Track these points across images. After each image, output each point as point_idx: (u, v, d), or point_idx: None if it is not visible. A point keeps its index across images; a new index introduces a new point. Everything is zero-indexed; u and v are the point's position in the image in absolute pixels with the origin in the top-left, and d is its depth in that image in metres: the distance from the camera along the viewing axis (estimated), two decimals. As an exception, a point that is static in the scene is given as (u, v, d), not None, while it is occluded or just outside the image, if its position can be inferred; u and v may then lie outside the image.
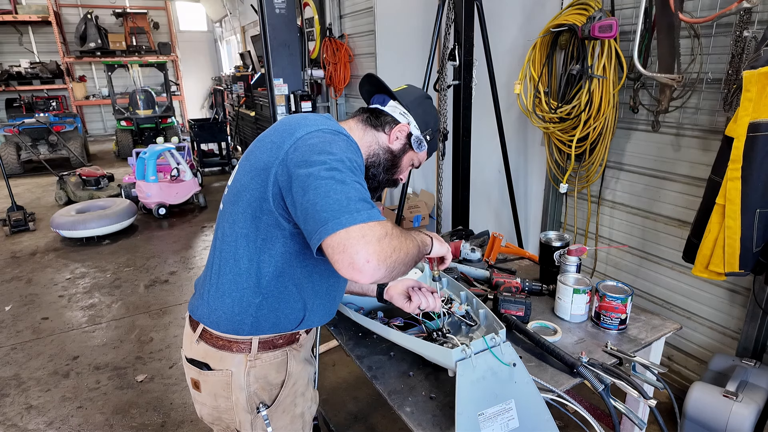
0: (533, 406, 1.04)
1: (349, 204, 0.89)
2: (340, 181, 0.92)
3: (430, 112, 1.29)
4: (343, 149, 0.99)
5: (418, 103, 1.26)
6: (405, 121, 1.23)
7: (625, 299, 1.38)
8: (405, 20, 4.22)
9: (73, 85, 10.37)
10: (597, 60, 2.25)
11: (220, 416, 1.17)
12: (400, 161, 1.25)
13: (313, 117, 1.09)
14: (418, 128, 1.25)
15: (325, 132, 1.02)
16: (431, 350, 1.11)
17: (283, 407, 1.17)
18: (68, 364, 2.85)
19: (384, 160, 1.22)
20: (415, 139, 1.24)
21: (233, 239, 1.08)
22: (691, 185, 2.20)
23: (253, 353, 1.11)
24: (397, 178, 1.29)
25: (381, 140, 1.22)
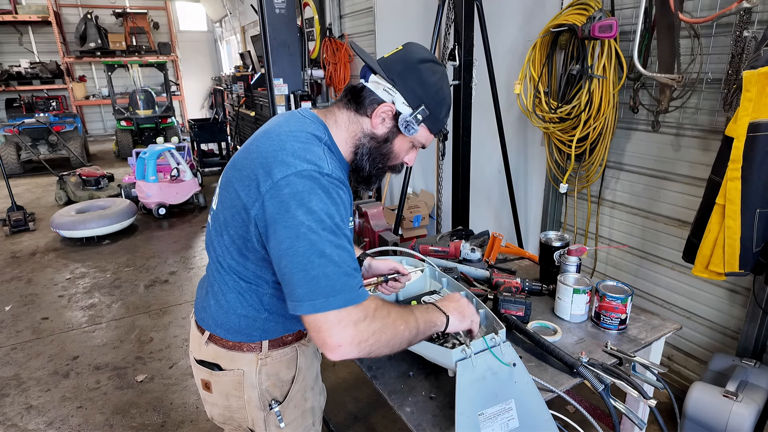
0: (533, 406, 1.04)
1: (327, 284, 0.86)
2: (319, 252, 0.87)
3: (428, 81, 1.03)
4: (323, 202, 0.90)
5: (409, 71, 1.02)
6: (389, 99, 1.03)
7: (625, 299, 1.38)
8: (405, 20, 4.22)
9: (73, 85, 10.37)
10: (597, 60, 2.25)
11: (232, 415, 1.17)
12: (391, 147, 1.07)
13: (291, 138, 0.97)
14: (407, 104, 1.02)
15: (304, 177, 0.90)
16: (431, 350, 1.11)
17: (294, 402, 1.18)
18: (68, 364, 2.85)
19: (370, 149, 1.06)
20: (403, 121, 1.03)
21: (228, 269, 1.05)
22: (691, 185, 2.20)
23: (264, 352, 1.11)
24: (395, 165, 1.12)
25: (365, 126, 1.05)
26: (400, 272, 1.36)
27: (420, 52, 1.05)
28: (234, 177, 1.01)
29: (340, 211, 0.93)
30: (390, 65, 1.03)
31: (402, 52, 1.05)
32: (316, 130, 1.02)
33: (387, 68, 1.02)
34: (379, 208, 3.70)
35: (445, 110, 1.07)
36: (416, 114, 1.02)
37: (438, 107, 1.05)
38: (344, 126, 1.06)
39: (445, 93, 1.06)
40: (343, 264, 0.88)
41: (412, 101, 1.02)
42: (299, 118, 1.05)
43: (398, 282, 1.37)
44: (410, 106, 1.03)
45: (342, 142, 1.06)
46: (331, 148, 1.03)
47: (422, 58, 1.03)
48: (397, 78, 1.02)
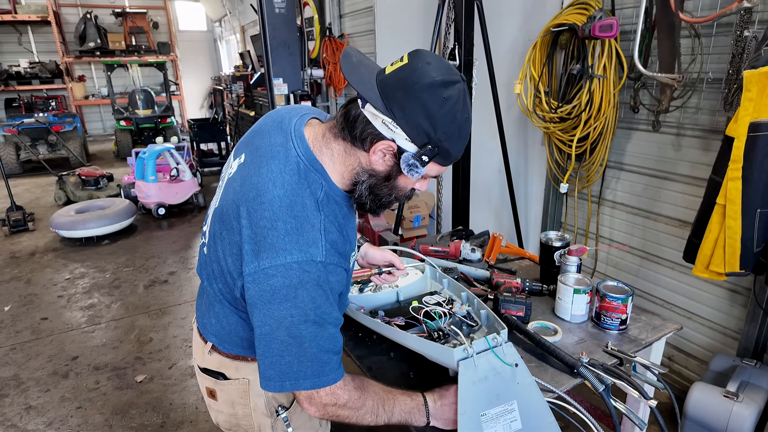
0: (536, 408, 1.04)
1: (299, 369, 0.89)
2: (298, 343, 0.87)
3: (437, 113, 0.82)
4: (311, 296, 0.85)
5: (413, 100, 0.82)
6: (389, 134, 0.85)
7: (625, 299, 1.38)
8: (405, 20, 4.21)
9: (73, 85, 10.36)
10: (597, 60, 2.24)
11: (238, 423, 1.17)
12: (395, 184, 0.94)
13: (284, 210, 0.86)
14: (411, 141, 0.85)
15: (293, 270, 0.84)
16: (432, 349, 1.11)
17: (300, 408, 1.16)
18: (67, 365, 2.84)
19: (370, 186, 0.93)
20: (406, 161, 0.86)
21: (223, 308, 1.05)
22: (692, 185, 2.20)
23: None
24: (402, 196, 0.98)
25: (362, 160, 0.91)
26: (395, 266, 1.35)
27: (428, 71, 0.82)
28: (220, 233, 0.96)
29: (328, 296, 0.89)
30: (390, 90, 0.83)
31: (406, 71, 0.83)
32: (312, 185, 0.90)
33: (386, 95, 0.83)
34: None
35: (461, 142, 0.88)
36: (422, 154, 0.86)
37: (450, 141, 0.86)
38: (340, 159, 0.93)
39: (460, 123, 0.85)
40: (319, 352, 0.90)
41: (417, 138, 0.85)
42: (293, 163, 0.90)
43: (392, 275, 1.35)
44: (414, 143, 0.85)
45: (338, 176, 0.94)
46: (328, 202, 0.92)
47: (430, 81, 0.81)
48: (398, 110, 0.83)
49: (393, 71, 0.85)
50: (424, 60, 0.84)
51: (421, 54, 0.86)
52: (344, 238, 0.96)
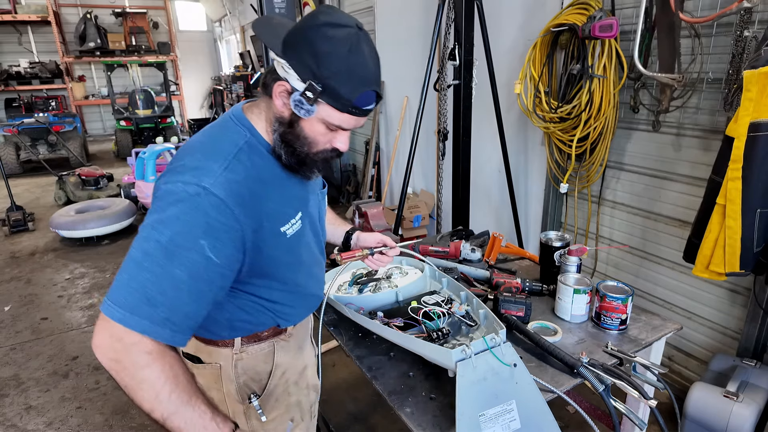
0: (535, 408, 1.04)
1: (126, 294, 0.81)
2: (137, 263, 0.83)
3: (321, 49, 0.85)
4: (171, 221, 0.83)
5: (302, 40, 0.86)
6: (284, 75, 0.89)
7: (625, 299, 1.38)
8: (405, 20, 4.21)
9: (73, 85, 10.37)
10: (597, 60, 2.24)
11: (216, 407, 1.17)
12: (301, 132, 0.94)
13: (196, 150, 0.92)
14: (300, 80, 0.87)
15: (177, 187, 0.85)
16: (431, 350, 1.11)
17: (275, 396, 1.17)
18: (68, 365, 2.84)
19: (280, 135, 0.95)
20: (294, 101, 0.89)
21: None
22: (692, 185, 2.20)
23: (237, 348, 1.11)
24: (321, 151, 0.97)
25: (274, 110, 0.94)
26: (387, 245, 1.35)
27: (319, 15, 0.87)
28: None
29: (195, 231, 0.84)
30: (289, 38, 0.88)
31: (302, 19, 0.90)
32: (235, 136, 0.95)
33: (285, 41, 0.88)
34: (379, 208, 3.70)
35: (351, 83, 0.87)
36: (305, 90, 0.87)
37: (335, 80, 0.86)
38: (264, 114, 0.98)
39: (350, 65, 0.86)
40: (151, 285, 0.82)
41: (303, 75, 0.87)
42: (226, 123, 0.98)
43: (384, 255, 1.34)
44: (302, 81, 0.87)
45: (264, 132, 0.97)
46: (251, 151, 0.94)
47: (318, 23, 0.86)
48: (290, 50, 0.87)
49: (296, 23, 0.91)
50: (320, 10, 0.89)
51: (324, 5, 0.98)
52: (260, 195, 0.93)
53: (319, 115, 0.91)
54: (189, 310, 0.86)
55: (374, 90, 0.91)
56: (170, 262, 0.82)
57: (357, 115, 0.92)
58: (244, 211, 0.89)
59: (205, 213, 0.84)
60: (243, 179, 0.90)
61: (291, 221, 1.02)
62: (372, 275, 1.55)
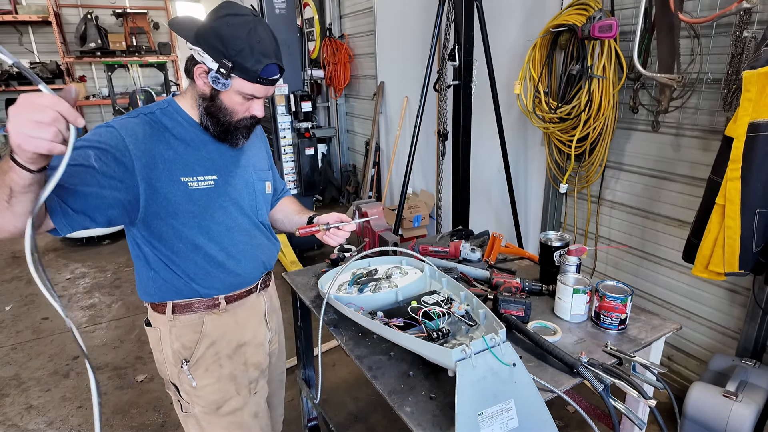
0: (533, 406, 1.04)
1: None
2: None
3: (224, 34, 1.07)
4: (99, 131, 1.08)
5: (209, 30, 1.08)
6: (200, 59, 1.10)
7: (624, 299, 1.38)
8: (405, 20, 4.22)
9: (73, 85, 10.37)
10: (597, 60, 2.25)
11: (161, 368, 1.36)
12: (221, 104, 1.15)
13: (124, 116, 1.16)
14: (213, 61, 1.08)
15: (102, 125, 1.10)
16: (431, 350, 1.11)
17: (205, 366, 1.30)
18: (68, 364, 2.85)
19: (205, 109, 1.16)
20: (212, 77, 1.10)
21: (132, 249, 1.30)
22: (691, 185, 2.21)
23: (168, 315, 1.27)
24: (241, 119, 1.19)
25: (197, 89, 1.16)
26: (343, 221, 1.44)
27: (221, 9, 1.09)
28: None
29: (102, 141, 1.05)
30: (199, 30, 1.10)
31: (210, 13, 1.11)
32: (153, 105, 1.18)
33: (197, 34, 1.09)
34: (379, 208, 3.70)
35: (255, 57, 1.08)
36: (219, 68, 1.08)
37: (241, 56, 1.07)
38: (189, 94, 1.20)
39: (248, 41, 1.07)
40: None
41: (216, 57, 1.07)
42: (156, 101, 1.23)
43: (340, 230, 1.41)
44: (215, 62, 1.08)
45: (189, 107, 1.20)
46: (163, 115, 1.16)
47: (220, 14, 1.08)
48: (201, 39, 1.08)
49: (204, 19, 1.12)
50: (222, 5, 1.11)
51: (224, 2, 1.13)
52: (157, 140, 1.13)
53: (234, 88, 1.11)
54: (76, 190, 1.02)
55: (275, 63, 1.11)
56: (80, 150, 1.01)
57: (265, 84, 1.13)
58: (134, 142, 1.08)
59: (100, 134, 1.07)
60: (141, 123, 1.12)
61: (197, 177, 1.18)
62: (372, 275, 1.56)
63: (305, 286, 1.74)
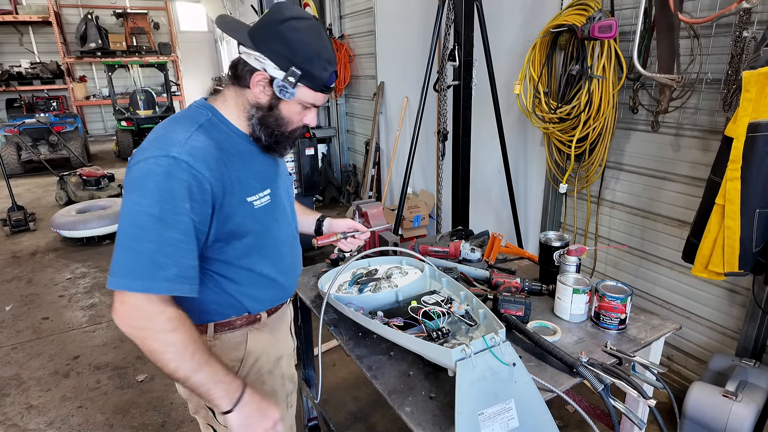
0: (533, 406, 1.04)
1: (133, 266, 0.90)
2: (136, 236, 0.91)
3: (291, 39, 0.99)
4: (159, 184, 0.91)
5: (271, 34, 0.99)
6: (260, 66, 1.00)
7: (624, 299, 1.38)
8: (405, 20, 4.22)
9: (74, 86, 10.38)
10: (597, 60, 2.25)
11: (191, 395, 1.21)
12: (279, 114, 1.06)
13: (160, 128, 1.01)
14: (278, 68, 1.00)
15: (149, 163, 0.93)
16: (431, 350, 1.11)
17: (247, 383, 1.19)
18: (69, 364, 2.85)
19: (258, 119, 1.06)
20: (277, 86, 1.01)
21: None
22: (691, 185, 2.21)
23: (210, 335, 1.16)
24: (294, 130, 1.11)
25: (250, 98, 1.05)
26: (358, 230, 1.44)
27: (282, 11, 1.01)
28: None
29: (177, 196, 0.93)
30: (255, 32, 1.01)
31: (265, 16, 1.02)
32: (196, 115, 1.04)
33: (253, 36, 1.00)
34: (379, 208, 3.69)
35: (321, 64, 1.02)
36: (287, 77, 1.00)
37: (309, 64, 1.00)
38: (232, 102, 1.08)
39: (315, 47, 1.01)
40: (158, 254, 0.91)
41: (282, 64, 1.00)
42: (188, 108, 1.08)
43: (356, 239, 1.41)
44: (281, 69, 1.00)
45: (234, 117, 1.08)
46: (212, 128, 1.04)
47: (283, 17, 1.00)
48: (262, 44, 1.00)
49: (258, 20, 1.03)
50: (280, 6, 1.03)
51: (280, 3, 1.05)
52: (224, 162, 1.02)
53: (296, 97, 1.03)
54: (191, 263, 0.97)
55: (335, 70, 1.07)
56: (166, 229, 0.92)
57: (326, 92, 1.07)
58: (210, 173, 0.98)
59: (180, 179, 0.93)
60: (205, 146, 0.99)
61: (258, 194, 1.10)
62: (372, 275, 1.56)
63: (305, 286, 1.75)
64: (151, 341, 0.93)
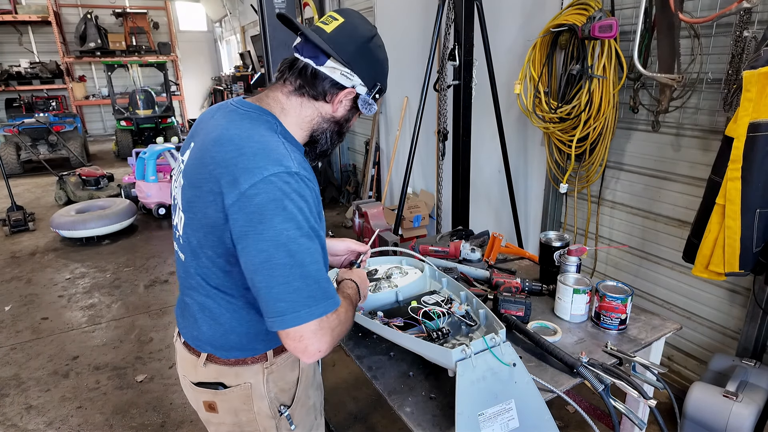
0: (533, 406, 1.04)
1: (309, 294, 0.87)
2: (299, 262, 0.86)
3: (379, 58, 1.04)
4: (298, 206, 0.87)
5: (362, 52, 1.00)
6: (350, 84, 1.01)
7: (625, 299, 1.38)
8: (405, 20, 4.22)
9: (73, 85, 10.37)
10: (597, 60, 2.25)
11: (242, 430, 1.14)
12: (348, 125, 1.11)
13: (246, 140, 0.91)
14: (365, 86, 1.03)
15: (273, 182, 0.86)
16: (431, 350, 1.11)
17: (301, 402, 1.17)
18: (68, 364, 2.85)
19: (331, 131, 1.07)
20: (363, 102, 1.04)
21: (217, 290, 1.01)
22: (691, 185, 2.20)
23: (269, 361, 1.10)
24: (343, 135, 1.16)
25: (324, 111, 1.04)
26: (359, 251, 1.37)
27: (363, 26, 1.02)
28: (195, 197, 0.96)
29: (312, 210, 0.91)
30: (341, 46, 0.98)
31: (347, 29, 0.99)
32: (267, 123, 0.98)
33: (339, 49, 0.98)
34: (379, 208, 3.70)
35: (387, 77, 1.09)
36: (374, 94, 1.05)
37: (385, 79, 1.07)
38: (294, 112, 1.02)
39: (387, 63, 1.08)
40: (320, 272, 0.90)
41: (369, 82, 1.03)
42: (242, 114, 0.99)
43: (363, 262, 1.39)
44: (366, 86, 1.03)
45: (295, 127, 1.03)
46: (287, 137, 0.99)
47: (369, 35, 1.02)
48: (353, 61, 0.99)
49: (337, 29, 0.99)
50: (354, 17, 1.02)
51: (348, 12, 1.03)
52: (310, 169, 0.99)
53: None
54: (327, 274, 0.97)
55: None
56: (314, 243, 0.90)
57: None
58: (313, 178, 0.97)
59: (309, 194, 0.91)
60: (298, 154, 0.97)
61: None
62: (372, 275, 1.55)
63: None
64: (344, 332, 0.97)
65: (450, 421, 1.06)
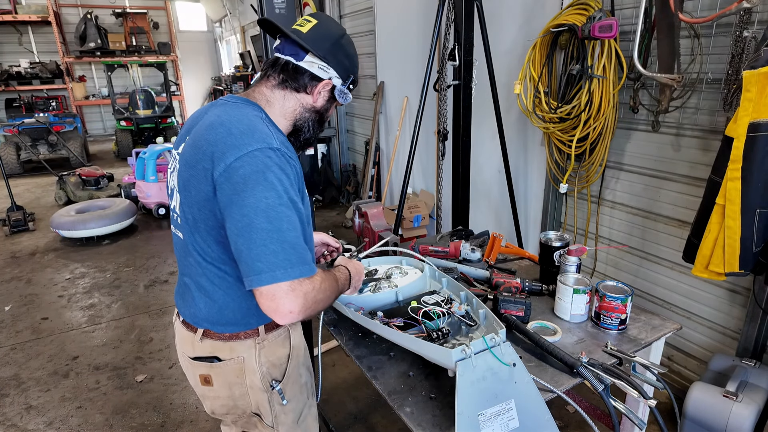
0: (533, 406, 1.04)
1: (285, 257, 0.94)
2: (277, 228, 0.94)
3: (350, 52, 1.18)
4: (278, 177, 0.97)
5: (336, 47, 1.14)
6: (326, 76, 1.14)
7: (625, 299, 1.38)
8: (405, 20, 4.21)
9: (73, 85, 10.37)
10: (597, 60, 2.25)
11: (236, 404, 1.22)
12: (327, 115, 1.22)
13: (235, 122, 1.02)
14: (339, 77, 1.16)
15: (256, 155, 0.97)
16: (431, 350, 1.11)
17: (292, 379, 1.24)
18: (68, 365, 2.85)
19: (312, 120, 1.19)
20: (339, 92, 1.17)
21: (212, 265, 1.10)
22: (691, 185, 2.20)
23: (261, 336, 1.17)
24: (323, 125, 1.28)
25: (305, 102, 1.15)
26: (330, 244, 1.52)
27: (334, 26, 1.17)
28: (191, 176, 1.05)
29: (292, 183, 1.00)
30: (317, 43, 1.11)
31: (321, 29, 1.13)
32: (254, 110, 1.09)
33: (316, 46, 1.11)
34: (379, 208, 3.70)
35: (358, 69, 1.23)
36: (349, 84, 1.18)
37: (356, 71, 1.21)
38: (278, 104, 1.14)
39: (357, 57, 1.22)
40: (297, 239, 0.97)
41: (343, 74, 1.16)
42: (231, 105, 1.10)
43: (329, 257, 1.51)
44: (341, 77, 1.16)
45: (279, 117, 1.14)
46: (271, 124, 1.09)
47: (340, 33, 1.16)
48: (329, 55, 1.12)
49: (312, 30, 1.12)
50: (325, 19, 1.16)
51: (320, 15, 1.17)
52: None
53: None
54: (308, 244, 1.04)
55: None
56: (292, 213, 0.98)
57: None
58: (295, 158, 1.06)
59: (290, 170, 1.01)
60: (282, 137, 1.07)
61: None
62: (372, 275, 1.55)
63: (305, 286, 1.74)
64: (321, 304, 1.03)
65: (450, 421, 1.06)
